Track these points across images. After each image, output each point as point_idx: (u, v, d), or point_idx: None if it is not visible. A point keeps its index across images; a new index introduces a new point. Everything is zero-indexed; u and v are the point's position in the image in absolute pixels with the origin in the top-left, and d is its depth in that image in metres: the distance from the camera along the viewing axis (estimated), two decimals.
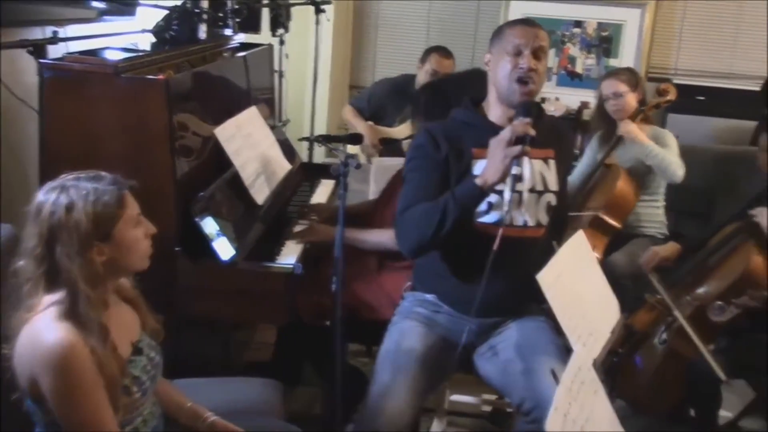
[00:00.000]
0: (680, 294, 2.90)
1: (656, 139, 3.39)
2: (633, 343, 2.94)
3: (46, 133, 2.35)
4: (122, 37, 2.95)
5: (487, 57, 2.27)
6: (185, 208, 2.37)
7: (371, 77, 5.66)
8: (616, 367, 2.81)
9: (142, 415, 1.73)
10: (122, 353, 1.67)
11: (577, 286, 1.94)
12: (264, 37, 4.12)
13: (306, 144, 4.49)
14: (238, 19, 3.41)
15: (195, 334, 2.83)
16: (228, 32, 3.42)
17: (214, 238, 2.39)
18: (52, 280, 1.58)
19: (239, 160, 2.71)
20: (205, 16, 3.01)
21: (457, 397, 2.98)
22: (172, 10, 2.91)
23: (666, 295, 2.83)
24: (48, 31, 2.51)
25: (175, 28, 2.85)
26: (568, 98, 5.34)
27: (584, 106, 5.23)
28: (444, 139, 2.23)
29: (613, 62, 5.27)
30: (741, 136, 4.77)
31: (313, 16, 4.51)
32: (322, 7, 4.49)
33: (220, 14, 3.30)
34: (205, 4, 3.23)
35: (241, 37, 3.81)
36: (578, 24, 5.36)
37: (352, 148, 4.13)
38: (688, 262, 2.99)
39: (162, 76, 2.39)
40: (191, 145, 2.55)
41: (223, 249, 2.40)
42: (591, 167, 3.60)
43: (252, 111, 3.06)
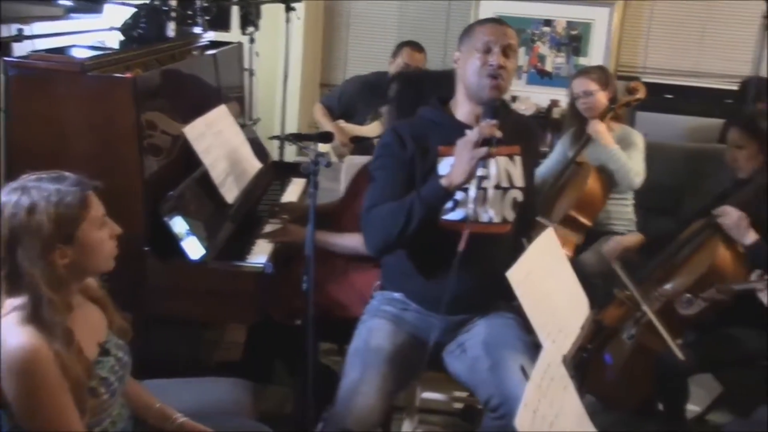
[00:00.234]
0: (649, 289, 2.93)
1: (624, 138, 3.42)
2: (602, 338, 2.97)
3: (11, 133, 2.33)
4: (89, 35, 2.92)
5: (456, 55, 2.28)
6: (154, 208, 2.35)
7: (342, 75, 5.66)
8: (586, 362, 2.84)
9: (111, 416, 1.71)
10: (88, 355, 1.65)
11: (547, 283, 1.94)
12: (234, 35, 4.11)
13: (277, 142, 4.47)
14: (207, 17, 3.38)
15: (164, 334, 2.80)
16: (197, 30, 3.40)
17: (184, 237, 2.38)
18: (14, 283, 1.55)
19: (209, 159, 2.70)
20: (173, 14, 2.99)
21: (429, 394, 2.97)
22: (140, 7, 2.88)
23: (635, 289, 2.86)
24: (13, 29, 2.48)
25: (143, 26, 2.83)
26: (538, 96, 5.39)
27: (554, 104, 5.27)
28: (410, 138, 2.23)
29: (582, 61, 5.33)
30: (709, 134, 4.84)
31: (284, 14, 4.49)
32: (293, 5, 4.47)
33: (189, 12, 3.27)
34: (173, 2, 3.19)
35: (211, 35, 3.78)
36: (548, 23, 5.40)
37: (323, 147, 4.11)
38: (657, 258, 3.03)
39: (129, 75, 2.37)
40: (160, 144, 2.53)
41: (193, 248, 2.39)
42: (561, 163, 3.62)
43: (222, 109, 3.04)
